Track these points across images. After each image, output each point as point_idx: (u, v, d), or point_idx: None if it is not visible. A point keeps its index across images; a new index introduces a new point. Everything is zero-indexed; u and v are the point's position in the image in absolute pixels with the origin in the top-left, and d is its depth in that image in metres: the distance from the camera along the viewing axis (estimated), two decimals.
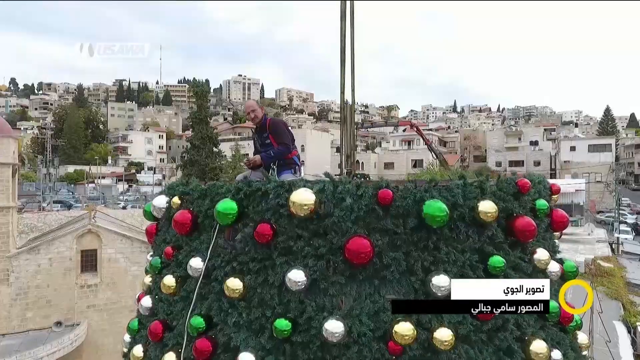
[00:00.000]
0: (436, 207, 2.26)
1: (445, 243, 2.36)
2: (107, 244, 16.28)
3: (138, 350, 2.93)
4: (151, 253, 3.39)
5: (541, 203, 2.82)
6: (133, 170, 72.91)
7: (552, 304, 2.55)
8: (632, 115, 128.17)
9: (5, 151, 14.24)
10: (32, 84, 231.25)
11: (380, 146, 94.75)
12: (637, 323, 8.67)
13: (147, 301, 3.00)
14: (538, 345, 2.41)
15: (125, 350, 3.37)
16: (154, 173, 72.97)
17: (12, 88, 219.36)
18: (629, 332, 9.66)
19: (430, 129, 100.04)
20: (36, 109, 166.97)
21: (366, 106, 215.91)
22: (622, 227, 35.85)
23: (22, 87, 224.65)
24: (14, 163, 15.03)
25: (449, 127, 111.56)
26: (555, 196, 3.38)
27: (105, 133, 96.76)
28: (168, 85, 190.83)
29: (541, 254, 2.65)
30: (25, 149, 64.65)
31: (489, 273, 2.41)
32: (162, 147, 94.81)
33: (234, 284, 2.39)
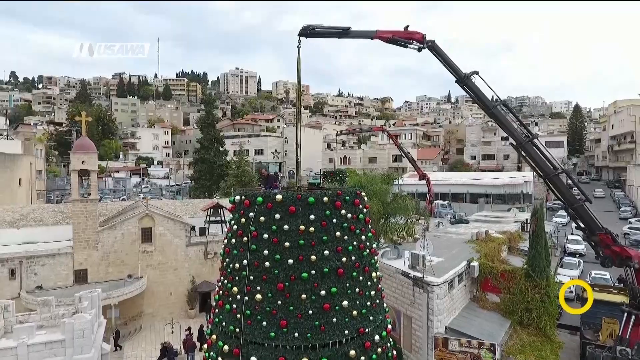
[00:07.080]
0: (311, 199, 9.48)
1: (315, 208, 9.59)
2: (158, 224, 23.50)
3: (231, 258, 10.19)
4: (230, 215, 10.58)
5: (347, 197, 10.02)
6: (144, 165, 79.81)
7: (345, 224, 9.81)
8: None
9: (93, 162, 21.36)
10: (33, 78, 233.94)
11: (370, 140, 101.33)
12: (472, 262, 15.96)
13: (234, 227, 10.24)
14: (338, 234, 9.69)
15: (222, 257, 10.63)
16: (162, 167, 80.00)
17: (12, 81, 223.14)
18: (467, 265, 17.15)
19: (417, 124, 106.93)
20: (39, 103, 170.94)
21: (361, 98, 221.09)
22: (562, 212, 43.52)
23: (22, 81, 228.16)
24: (97, 170, 22.12)
25: (434, 122, 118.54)
26: (364, 194, 10.66)
27: (114, 129, 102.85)
28: (167, 79, 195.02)
29: (343, 211, 9.87)
30: (44, 145, 70.75)
31: (326, 216, 9.64)
32: (167, 142, 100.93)
33: (261, 218, 9.62)
